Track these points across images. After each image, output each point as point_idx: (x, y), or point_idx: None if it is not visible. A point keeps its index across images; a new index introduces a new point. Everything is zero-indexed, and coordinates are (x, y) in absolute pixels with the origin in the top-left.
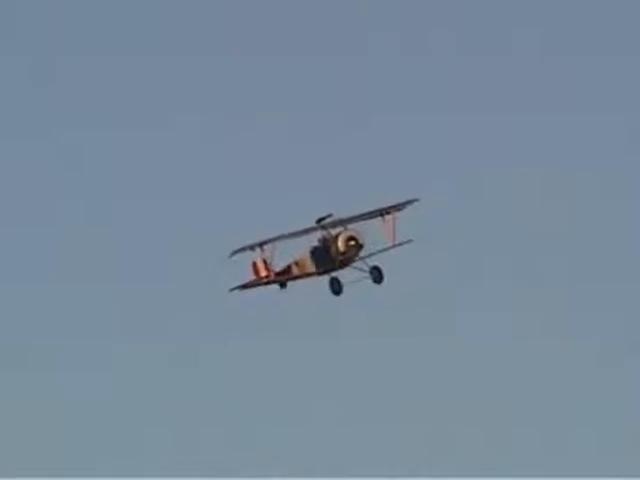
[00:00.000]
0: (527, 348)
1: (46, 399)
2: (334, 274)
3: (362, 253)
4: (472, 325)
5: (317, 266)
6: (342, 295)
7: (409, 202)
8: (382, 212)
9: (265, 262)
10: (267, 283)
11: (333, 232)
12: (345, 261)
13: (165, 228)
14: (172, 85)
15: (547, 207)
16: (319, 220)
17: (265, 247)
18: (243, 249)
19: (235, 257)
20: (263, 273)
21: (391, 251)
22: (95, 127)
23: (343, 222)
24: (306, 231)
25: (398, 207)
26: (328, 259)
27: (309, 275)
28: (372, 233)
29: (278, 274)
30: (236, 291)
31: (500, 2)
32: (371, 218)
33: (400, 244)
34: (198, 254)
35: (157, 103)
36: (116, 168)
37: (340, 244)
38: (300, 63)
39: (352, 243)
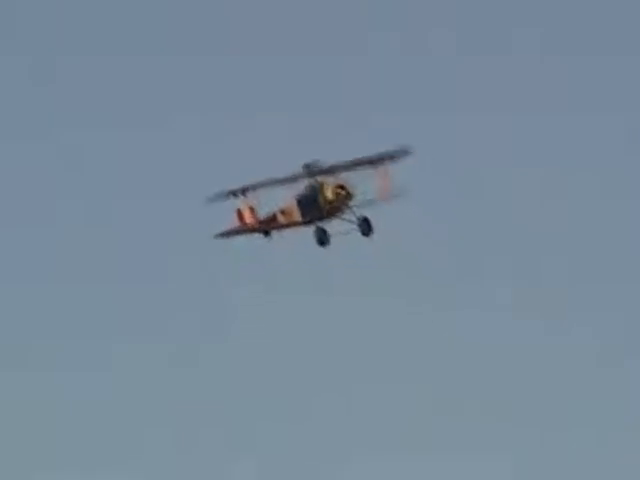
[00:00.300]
0: (524, 318)
1: (46, 399)
2: (321, 224)
3: (351, 203)
4: (464, 289)
5: (303, 215)
6: (328, 246)
7: (403, 152)
8: (374, 161)
9: (251, 209)
10: (252, 231)
11: (321, 180)
12: (333, 210)
13: (166, 226)
14: (172, 85)
15: (547, 207)
16: (306, 167)
17: (248, 193)
18: (224, 194)
19: (217, 202)
20: (249, 220)
21: (383, 203)
22: (95, 127)
23: (333, 169)
24: (292, 178)
25: (392, 157)
26: (315, 208)
27: (295, 224)
28: (364, 183)
29: (263, 222)
30: (220, 238)
31: (500, 2)
32: (362, 166)
33: (393, 197)
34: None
35: (157, 103)
36: (116, 168)
37: (328, 192)
38: (300, 63)
39: (341, 192)
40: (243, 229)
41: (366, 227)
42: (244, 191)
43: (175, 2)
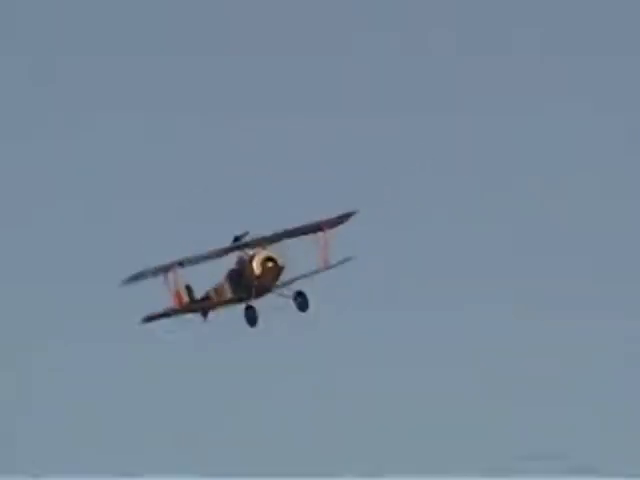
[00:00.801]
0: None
1: (48, 398)
2: (252, 301)
3: (284, 276)
4: (414, 363)
5: (234, 292)
6: (260, 325)
7: (345, 216)
8: (312, 229)
9: (188, 289)
10: (186, 312)
11: (252, 252)
12: (262, 286)
13: (167, 227)
14: (172, 85)
15: (547, 207)
16: (235, 239)
17: (171, 272)
18: (142, 275)
19: (141, 281)
20: (184, 300)
21: (322, 274)
22: (95, 127)
23: (264, 240)
24: (220, 252)
25: (332, 223)
26: (244, 284)
27: (228, 302)
28: (301, 252)
29: (197, 301)
30: (149, 321)
31: (500, 2)
32: (298, 236)
33: (333, 265)
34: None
35: (157, 103)
36: (116, 168)
37: (255, 267)
38: (299, 63)
39: (269, 265)
40: (178, 310)
41: (301, 302)
42: (164, 270)
43: (175, 2)
